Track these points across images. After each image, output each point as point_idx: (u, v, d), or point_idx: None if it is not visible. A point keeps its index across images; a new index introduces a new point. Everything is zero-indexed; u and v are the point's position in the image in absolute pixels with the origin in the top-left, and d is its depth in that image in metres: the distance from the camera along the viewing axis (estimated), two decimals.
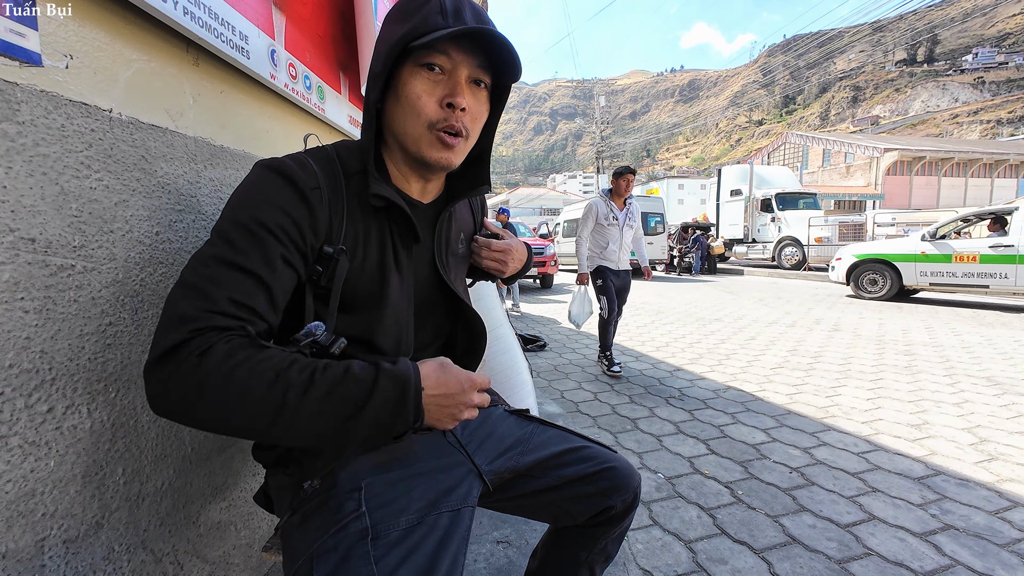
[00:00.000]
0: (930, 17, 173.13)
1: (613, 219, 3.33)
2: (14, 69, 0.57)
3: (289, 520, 0.62)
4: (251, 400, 0.49)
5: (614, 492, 0.79)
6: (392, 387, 0.54)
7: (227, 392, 0.49)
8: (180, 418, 0.50)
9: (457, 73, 0.63)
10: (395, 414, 0.54)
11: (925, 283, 6.55)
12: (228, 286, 0.53)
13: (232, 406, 0.49)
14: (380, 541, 0.57)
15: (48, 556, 0.61)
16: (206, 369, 0.49)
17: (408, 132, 0.64)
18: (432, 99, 0.63)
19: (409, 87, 0.62)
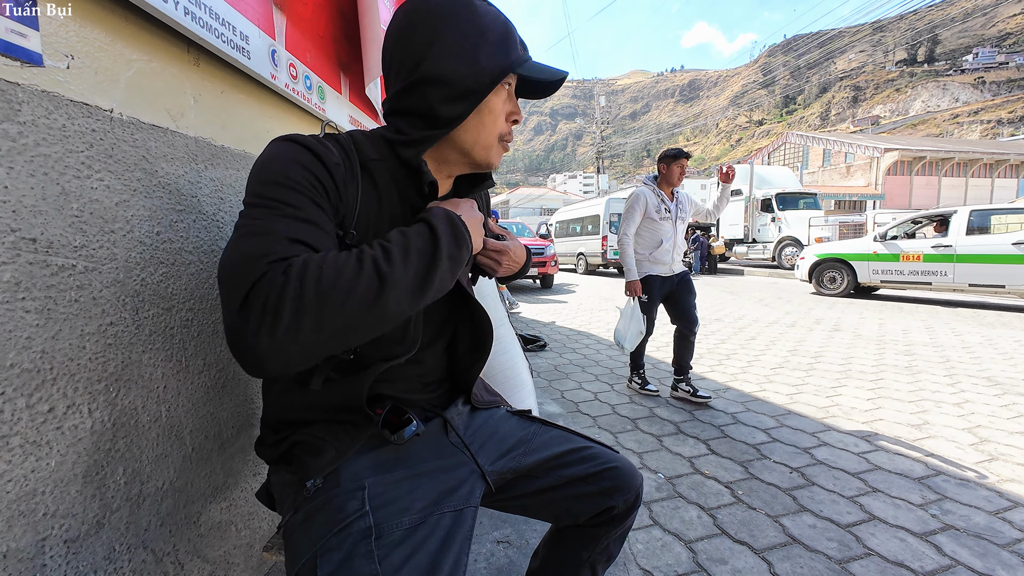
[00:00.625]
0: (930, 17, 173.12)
1: (666, 211, 2.73)
2: (15, 69, 0.57)
3: (292, 519, 0.63)
4: (350, 288, 0.49)
5: (616, 492, 0.79)
6: (444, 224, 0.59)
7: (326, 291, 0.47)
8: (288, 348, 0.47)
9: (513, 91, 0.72)
10: (459, 244, 0.60)
11: (877, 280, 7.16)
12: (279, 229, 0.52)
13: (336, 302, 0.48)
14: (383, 540, 0.57)
15: (49, 556, 0.61)
16: (296, 279, 0.47)
17: (481, 142, 0.70)
18: (503, 115, 0.71)
19: (492, 103, 0.69)
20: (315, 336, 0.48)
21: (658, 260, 2.73)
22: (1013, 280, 5.85)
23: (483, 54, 0.64)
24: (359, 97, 1.70)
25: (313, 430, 0.67)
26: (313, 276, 0.48)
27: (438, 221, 0.59)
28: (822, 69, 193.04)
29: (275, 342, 0.46)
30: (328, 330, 0.48)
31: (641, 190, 2.77)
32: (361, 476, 0.64)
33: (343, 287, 0.48)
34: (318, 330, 0.48)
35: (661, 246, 2.72)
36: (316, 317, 0.47)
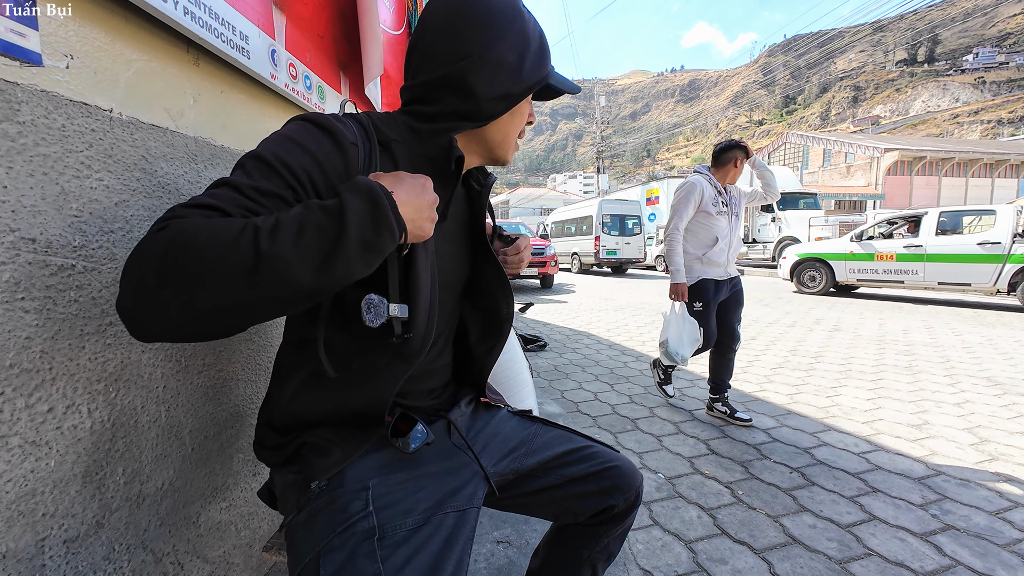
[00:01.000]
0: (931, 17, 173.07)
1: (723, 205, 2.37)
2: (15, 69, 0.57)
3: (295, 518, 0.63)
4: (219, 259, 0.43)
5: (616, 491, 0.79)
6: (361, 200, 0.49)
7: (189, 260, 0.43)
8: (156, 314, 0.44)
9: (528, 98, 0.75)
10: (378, 228, 0.49)
11: (854, 279, 7.53)
12: (206, 195, 0.50)
13: (196, 273, 0.43)
14: (386, 541, 0.57)
15: (48, 556, 0.61)
16: (165, 237, 0.44)
17: (506, 141, 0.75)
18: (526, 117, 0.77)
19: (523, 106, 0.74)
20: (182, 306, 0.43)
21: (712, 261, 2.36)
22: (977, 278, 6.19)
23: (528, 60, 0.69)
24: (359, 97, 1.70)
25: (321, 432, 0.66)
26: (182, 240, 0.43)
27: (353, 197, 0.49)
28: (822, 69, 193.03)
29: (140, 305, 0.44)
30: (194, 302, 0.43)
31: (696, 179, 2.37)
32: (365, 477, 0.64)
33: (210, 257, 0.43)
34: (184, 300, 0.43)
35: (716, 245, 2.35)
36: (178, 286, 0.43)
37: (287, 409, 0.68)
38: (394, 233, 0.51)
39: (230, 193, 0.51)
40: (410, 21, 2.32)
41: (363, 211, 0.49)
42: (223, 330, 0.48)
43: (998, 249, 6.02)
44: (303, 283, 0.46)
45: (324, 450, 0.65)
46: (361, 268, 0.50)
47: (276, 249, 0.44)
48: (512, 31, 0.67)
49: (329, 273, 0.47)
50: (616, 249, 12.89)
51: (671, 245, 2.36)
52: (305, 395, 0.67)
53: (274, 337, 1.16)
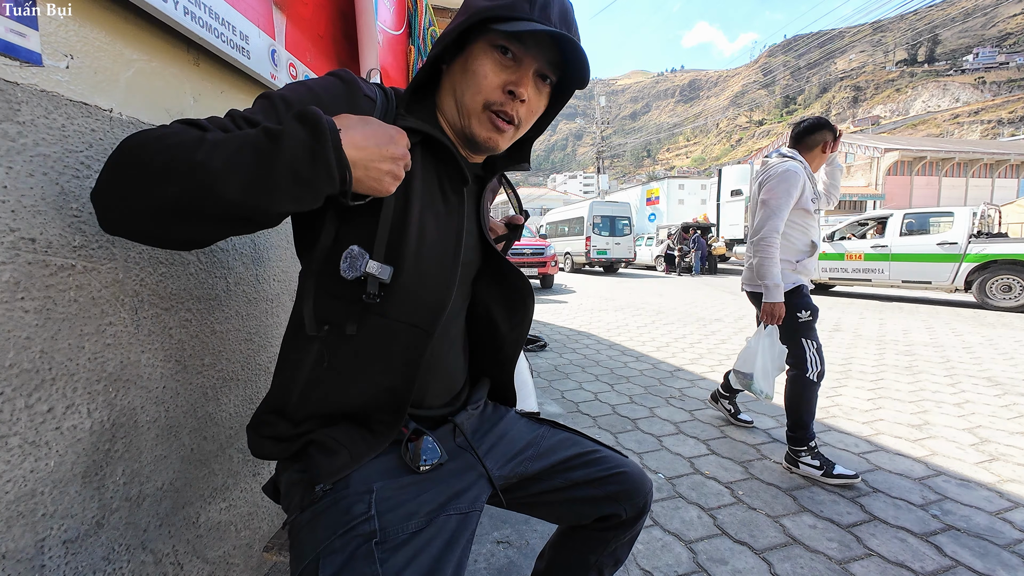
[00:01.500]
0: (931, 17, 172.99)
1: (814, 199, 1.95)
2: (15, 69, 0.57)
3: (299, 517, 0.62)
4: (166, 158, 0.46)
5: (623, 497, 0.78)
6: (299, 127, 0.47)
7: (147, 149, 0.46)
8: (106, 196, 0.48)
9: (526, 64, 0.63)
10: (314, 161, 0.47)
11: (826, 277, 8.03)
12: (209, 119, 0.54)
13: (146, 164, 0.46)
14: (387, 544, 0.57)
15: (48, 556, 0.61)
16: (138, 137, 0.47)
17: (465, 104, 0.64)
18: (496, 80, 0.62)
19: (478, 63, 0.62)
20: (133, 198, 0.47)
21: (806, 270, 1.96)
22: (937, 276, 6.67)
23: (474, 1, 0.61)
24: None
25: (333, 431, 0.65)
26: (145, 139, 0.47)
27: (296, 125, 0.48)
28: (822, 69, 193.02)
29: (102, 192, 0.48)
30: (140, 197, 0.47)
31: (795, 167, 1.85)
32: (370, 480, 0.63)
33: (157, 158, 0.46)
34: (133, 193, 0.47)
35: (813, 251, 1.94)
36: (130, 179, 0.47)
37: (308, 394, 0.66)
38: (331, 173, 0.49)
39: (221, 119, 0.53)
40: (410, 21, 2.32)
41: (301, 140, 0.47)
42: (174, 235, 0.51)
43: (955, 249, 6.45)
44: (227, 198, 0.46)
45: (332, 450, 0.64)
46: (288, 200, 0.48)
47: (208, 159, 0.45)
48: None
49: (254, 194, 0.47)
50: (606, 249, 13.07)
51: (767, 251, 1.83)
52: (319, 380, 0.65)
53: (274, 337, 1.16)
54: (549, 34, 0.60)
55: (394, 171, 0.54)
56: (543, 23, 0.58)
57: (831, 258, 7.88)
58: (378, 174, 0.53)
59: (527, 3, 0.59)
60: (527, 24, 0.57)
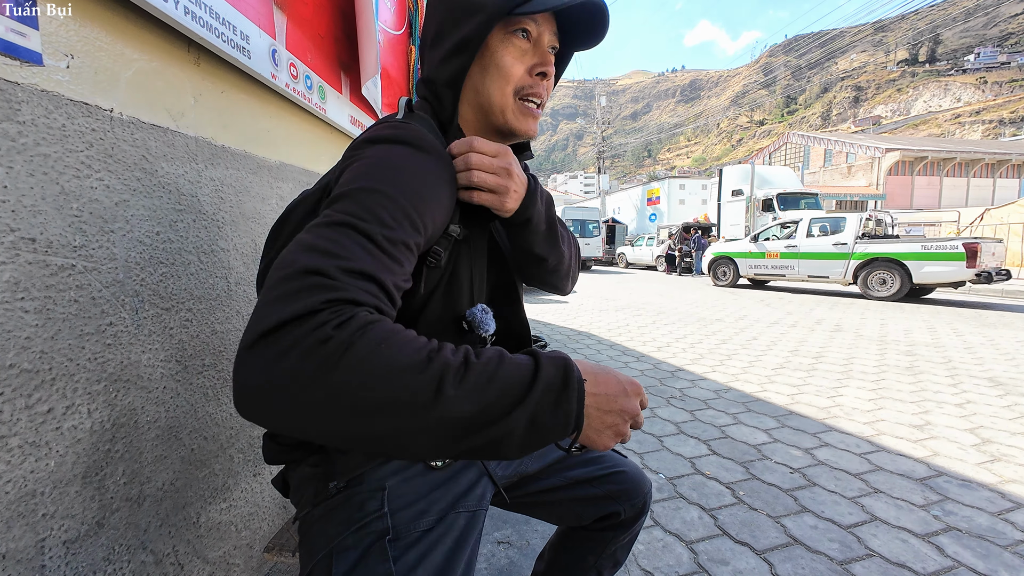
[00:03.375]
0: (932, 17, 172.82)
1: None
2: (15, 69, 0.57)
3: (311, 512, 0.62)
4: (398, 382, 0.37)
5: (622, 497, 0.78)
6: (554, 371, 0.43)
7: (368, 368, 0.36)
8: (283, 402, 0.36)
9: (543, 40, 0.62)
10: (555, 408, 0.42)
11: (752, 273, 9.38)
12: (357, 253, 0.43)
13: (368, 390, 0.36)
14: (400, 542, 0.57)
15: (48, 557, 0.61)
16: (344, 341, 0.36)
17: (495, 101, 0.62)
18: (522, 67, 0.61)
19: (500, 54, 0.60)
20: (315, 410, 0.37)
21: None
22: (833, 272, 7.97)
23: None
24: (359, 97, 1.70)
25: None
26: (369, 345, 0.37)
27: (548, 362, 0.43)
28: (823, 69, 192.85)
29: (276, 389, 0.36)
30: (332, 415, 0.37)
31: None
32: (383, 477, 0.63)
33: (392, 376, 0.37)
34: (324, 406, 0.37)
35: None
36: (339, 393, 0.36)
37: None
38: (568, 422, 0.43)
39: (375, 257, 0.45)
40: (411, 21, 2.32)
41: (552, 387, 0.42)
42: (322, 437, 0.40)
43: (845, 248, 7.74)
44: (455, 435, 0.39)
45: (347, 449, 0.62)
46: (514, 450, 0.41)
47: (460, 393, 0.39)
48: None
49: (483, 432, 0.40)
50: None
51: None
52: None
53: None
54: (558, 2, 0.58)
55: (620, 429, 0.48)
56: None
57: (755, 257, 9.23)
58: (601, 426, 0.47)
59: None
60: (556, 3, 0.56)
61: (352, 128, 1.65)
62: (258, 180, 1.10)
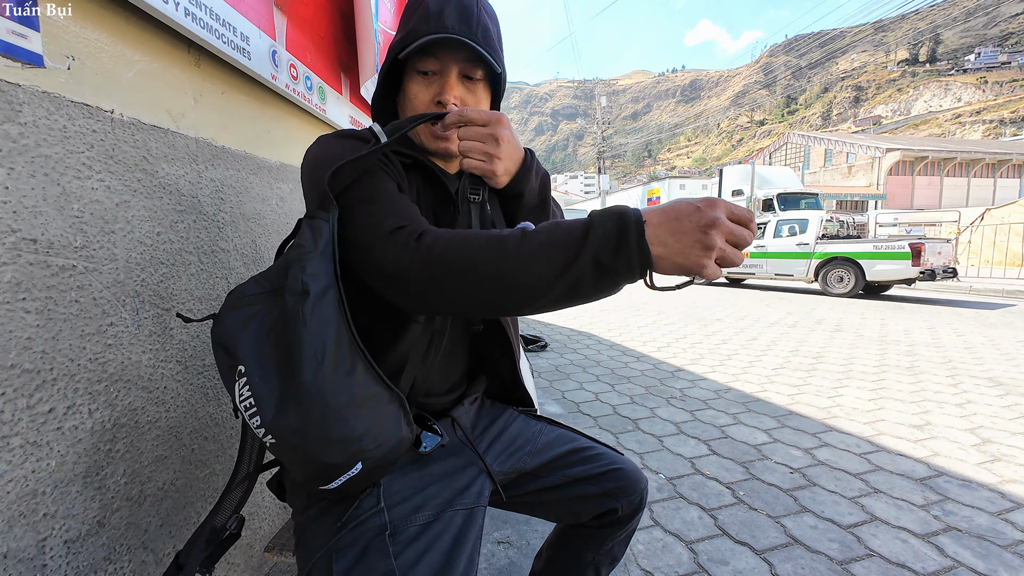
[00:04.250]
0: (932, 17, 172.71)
1: None
2: (16, 70, 0.57)
3: (306, 513, 0.63)
4: (473, 254, 0.51)
5: (620, 493, 0.79)
6: (607, 218, 0.48)
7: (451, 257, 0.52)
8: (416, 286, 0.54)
9: (447, 72, 0.68)
10: (618, 248, 0.47)
11: (724, 274, 9.63)
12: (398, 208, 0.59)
13: (458, 266, 0.51)
14: (398, 537, 0.57)
15: (49, 556, 0.61)
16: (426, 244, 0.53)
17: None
18: (424, 98, 0.68)
19: (409, 89, 0.69)
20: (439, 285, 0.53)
21: None
22: (797, 270, 8.61)
23: (395, 38, 0.68)
24: (359, 98, 1.70)
25: None
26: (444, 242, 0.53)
27: (601, 214, 0.50)
28: (824, 69, 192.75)
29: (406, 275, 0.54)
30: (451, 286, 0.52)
31: None
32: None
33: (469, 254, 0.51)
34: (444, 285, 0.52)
35: None
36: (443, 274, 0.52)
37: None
38: (631, 257, 0.48)
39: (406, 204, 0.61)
40: None
41: (608, 233, 0.48)
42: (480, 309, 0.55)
43: (807, 248, 8.35)
44: (539, 286, 0.50)
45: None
46: (593, 289, 0.50)
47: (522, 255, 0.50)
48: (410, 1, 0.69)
49: (561, 281, 0.49)
50: None
51: None
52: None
53: None
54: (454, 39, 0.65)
55: (703, 240, 0.47)
56: (437, 32, 0.63)
57: None
58: (682, 248, 0.48)
59: (424, 22, 0.64)
60: (416, 43, 0.64)
61: (352, 129, 1.65)
62: (259, 181, 1.10)
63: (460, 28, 0.64)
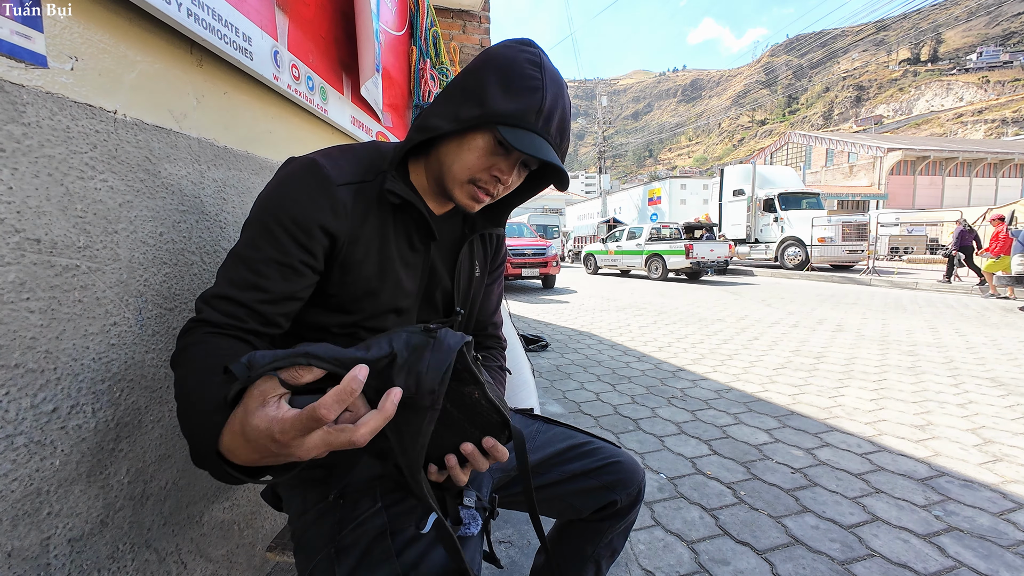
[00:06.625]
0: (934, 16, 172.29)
1: None
2: (20, 71, 0.58)
3: (304, 517, 0.63)
4: (181, 377, 0.54)
5: (618, 486, 0.80)
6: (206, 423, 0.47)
7: (177, 366, 0.56)
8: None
9: (515, 155, 0.65)
10: (199, 460, 0.48)
11: (604, 266, 13.44)
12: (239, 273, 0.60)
13: (177, 384, 0.54)
14: (399, 537, 0.57)
15: (53, 555, 0.61)
16: (178, 346, 0.57)
17: (452, 172, 0.66)
18: (487, 163, 0.65)
19: (475, 143, 0.64)
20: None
21: None
22: (636, 263, 12.02)
23: (492, 91, 0.61)
24: (360, 98, 1.70)
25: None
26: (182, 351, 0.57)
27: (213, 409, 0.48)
28: (825, 68, 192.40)
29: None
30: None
31: None
32: (374, 474, 0.64)
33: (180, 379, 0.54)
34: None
35: None
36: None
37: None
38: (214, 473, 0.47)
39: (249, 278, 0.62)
40: (412, 22, 2.32)
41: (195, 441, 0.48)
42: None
43: (640, 247, 11.75)
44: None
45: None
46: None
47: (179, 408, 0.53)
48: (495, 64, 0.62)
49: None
50: None
51: None
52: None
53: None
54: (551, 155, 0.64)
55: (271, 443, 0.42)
56: (542, 136, 0.62)
57: (602, 253, 13.34)
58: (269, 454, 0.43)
59: (535, 114, 0.61)
60: (528, 142, 0.60)
61: (353, 128, 1.65)
62: (261, 181, 1.11)
63: (556, 139, 0.64)
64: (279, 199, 0.61)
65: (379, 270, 0.67)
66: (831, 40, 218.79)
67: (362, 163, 0.67)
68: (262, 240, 0.60)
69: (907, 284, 9.27)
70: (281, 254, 0.59)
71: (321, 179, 0.62)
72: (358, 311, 0.67)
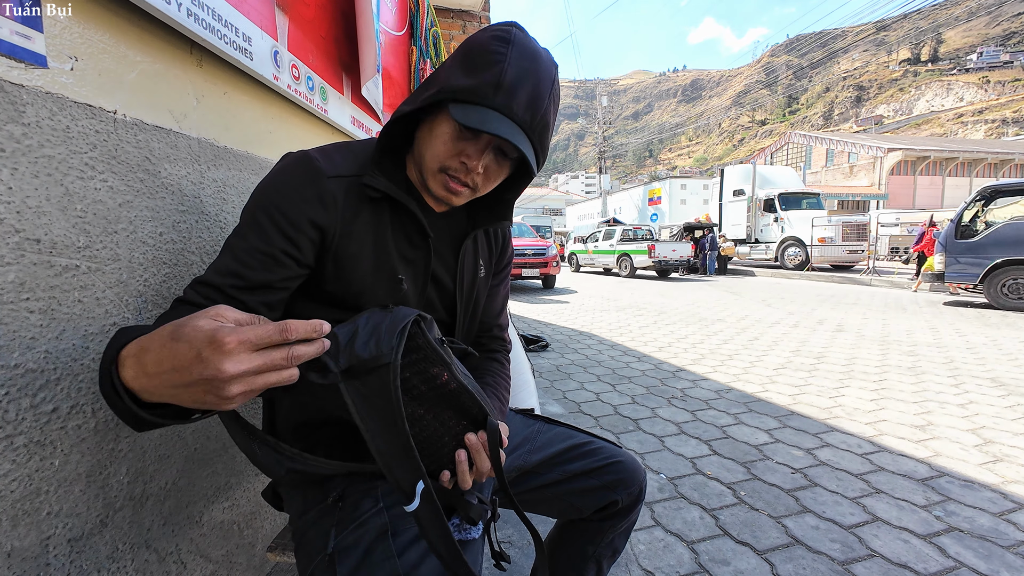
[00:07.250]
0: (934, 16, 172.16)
1: None
2: (20, 71, 0.58)
3: (303, 519, 0.63)
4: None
5: (619, 486, 0.80)
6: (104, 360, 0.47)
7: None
8: None
9: (485, 139, 0.62)
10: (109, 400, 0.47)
11: (585, 264, 14.80)
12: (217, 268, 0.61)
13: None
14: (400, 537, 0.57)
15: (53, 555, 0.61)
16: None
17: (425, 162, 0.65)
18: (451, 149, 0.62)
19: (440, 128, 0.62)
20: None
21: None
22: (610, 261, 13.24)
23: (453, 72, 0.60)
24: (360, 98, 1.70)
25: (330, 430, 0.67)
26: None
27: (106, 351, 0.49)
28: (825, 68, 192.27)
29: None
30: None
31: None
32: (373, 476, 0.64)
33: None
34: None
35: None
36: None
37: (291, 409, 0.68)
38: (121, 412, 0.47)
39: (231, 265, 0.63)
40: (412, 22, 2.32)
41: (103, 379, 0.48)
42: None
43: (613, 247, 12.87)
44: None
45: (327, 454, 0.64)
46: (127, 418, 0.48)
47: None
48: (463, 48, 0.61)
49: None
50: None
51: None
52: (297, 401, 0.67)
53: None
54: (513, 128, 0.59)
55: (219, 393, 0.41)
56: (502, 112, 0.57)
57: (583, 253, 14.65)
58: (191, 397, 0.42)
59: (492, 87, 0.57)
60: (478, 117, 0.56)
61: (353, 129, 1.65)
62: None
63: (523, 116, 0.59)
64: (269, 191, 0.63)
65: (375, 266, 0.67)
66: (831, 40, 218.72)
67: (357, 158, 0.67)
68: (248, 229, 0.61)
69: (907, 284, 9.27)
70: (265, 243, 0.60)
71: (312, 171, 0.63)
72: (355, 307, 0.67)
